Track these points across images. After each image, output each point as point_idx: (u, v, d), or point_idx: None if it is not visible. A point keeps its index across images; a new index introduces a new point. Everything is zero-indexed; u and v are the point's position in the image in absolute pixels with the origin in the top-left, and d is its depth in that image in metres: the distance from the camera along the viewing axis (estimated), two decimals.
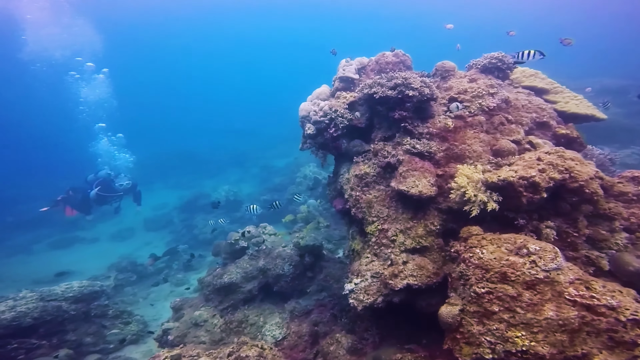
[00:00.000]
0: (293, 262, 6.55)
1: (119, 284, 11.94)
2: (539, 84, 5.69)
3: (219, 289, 6.66)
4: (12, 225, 20.69)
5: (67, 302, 8.60)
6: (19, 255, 17.58)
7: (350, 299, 4.39)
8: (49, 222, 19.92)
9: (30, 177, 28.71)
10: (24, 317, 7.96)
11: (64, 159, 29.22)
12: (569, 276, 3.10)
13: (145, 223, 19.36)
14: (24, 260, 16.71)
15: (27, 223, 20.58)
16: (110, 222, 19.44)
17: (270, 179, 20.58)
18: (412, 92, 4.50)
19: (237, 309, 6.47)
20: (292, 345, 5.34)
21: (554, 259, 3.14)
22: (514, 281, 3.17)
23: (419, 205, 4.42)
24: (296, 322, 5.83)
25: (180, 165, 28.86)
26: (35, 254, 17.82)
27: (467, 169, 4.02)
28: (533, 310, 3.02)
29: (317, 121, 5.24)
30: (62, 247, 18.23)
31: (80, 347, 7.99)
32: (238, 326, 6.08)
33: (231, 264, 6.98)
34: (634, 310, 2.87)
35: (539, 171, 3.70)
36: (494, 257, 3.37)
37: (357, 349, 4.75)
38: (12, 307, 8.17)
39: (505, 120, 4.69)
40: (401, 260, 4.22)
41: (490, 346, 3.11)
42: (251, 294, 6.59)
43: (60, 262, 15.68)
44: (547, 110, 5.19)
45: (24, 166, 34.17)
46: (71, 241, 18.68)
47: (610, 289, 3.05)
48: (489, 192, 3.86)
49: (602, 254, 3.71)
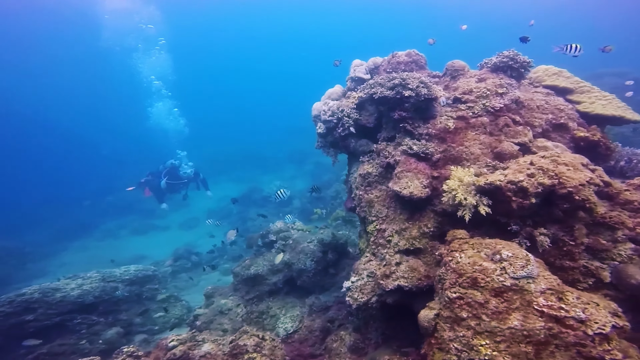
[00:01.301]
0: (315, 257, 6.77)
1: (175, 269, 13.01)
2: (561, 83, 5.32)
3: (246, 279, 7.10)
4: (106, 212, 23.52)
5: (123, 283, 9.66)
6: (108, 239, 20.22)
7: (347, 296, 4.55)
8: (133, 209, 22.48)
9: (120, 168, 31.73)
10: (87, 295, 9.06)
11: (146, 152, 31.88)
12: (540, 285, 3.02)
13: (209, 214, 20.73)
14: (111, 244, 19.12)
15: (118, 210, 23.44)
16: (180, 212, 21.31)
17: (320, 176, 20.99)
18: (409, 92, 4.49)
19: (262, 300, 6.86)
20: (302, 339, 5.59)
21: (524, 266, 3.07)
22: (483, 287, 3.15)
23: (416, 207, 4.42)
24: (310, 317, 6.04)
25: (243, 160, 30.48)
26: (120, 238, 20.29)
27: (460, 171, 3.98)
28: (498, 319, 2.99)
29: (326, 120, 5.38)
30: (140, 233, 20.49)
31: (130, 327, 8.91)
32: (258, 317, 6.47)
33: (259, 256, 7.41)
34: (602, 324, 2.75)
35: (528, 176, 3.58)
36: (469, 262, 3.35)
37: (359, 348, 4.87)
38: (79, 285, 9.36)
39: (511, 122, 4.51)
40: (394, 261, 4.27)
41: (457, 353, 3.11)
42: (276, 287, 6.95)
43: (137, 246, 17.75)
44: (565, 111, 4.89)
45: (115, 158, 38.08)
46: (148, 228, 20.90)
47: (584, 301, 2.93)
48: (478, 196, 3.81)
49: (604, 265, 3.50)
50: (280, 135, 37.15)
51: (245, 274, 7.10)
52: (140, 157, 31.99)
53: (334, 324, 5.63)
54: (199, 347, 4.65)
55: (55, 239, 20.12)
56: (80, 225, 21.77)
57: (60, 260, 17.30)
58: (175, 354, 4.49)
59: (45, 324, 8.60)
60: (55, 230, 21.23)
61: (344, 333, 5.09)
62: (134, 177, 14.00)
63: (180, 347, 4.55)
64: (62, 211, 24.33)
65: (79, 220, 22.39)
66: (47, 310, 8.70)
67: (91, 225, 21.96)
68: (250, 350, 4.47)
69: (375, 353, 4.47)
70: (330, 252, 6.91)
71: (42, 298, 8.78)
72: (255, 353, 4.45)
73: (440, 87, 5.21)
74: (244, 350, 4.47)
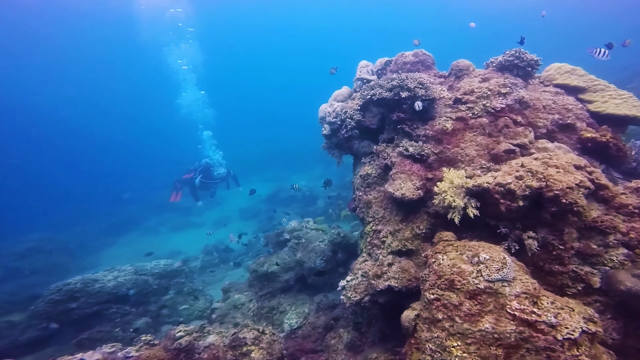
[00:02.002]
0: (325, 257, 6.90)
1: (204, 265, 13.57)
2: (572, 81, 5.11)
3: (260, 276, 7.35)
4: (149, 208, 25.04)
5: (153, 277, 10.26)
6: (149, 235, 21.66)
7: (342, 295, 4.66)
8: (173, 207, 23.72)
9: (160, 168, 33.36)
10: (121, 286, 9.72)
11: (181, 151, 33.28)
12: (515, 289, 3.00)
13: (240, 212, 21.49)
14: (152, 240, 20.35)
15: (159, 207, 24.80)
16: (214, 210, 22.22)
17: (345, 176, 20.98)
18: (406, 94, 4.52)
19: (275, 296, 7.07)
20: (305, 334, 5.73)
21: (500, 269, 3.06)
22: (459, 289, 3.16)
23: (410, 208, 4.44)
24: (316, 315, 6.18)
25: (274, 160, 31.16)
26: (160, 234, 21.59)
27: (451, 173, 3.97)
28: (470, 321, 3.00)
29: (331, 122, 5.47)
30: (178, 229, 21.58)
31: (158, 318, 9.41)
32: (269, 312, 6.68)
33: (274, 254, 7.64)
34: (571, 330, 2.72)
35: (516, 178, 3.55)
36: (448, 264, 3.37)
37: (355, 346, 4.95)
38: (115, 277, 10.06)
39: (511, 123, 4.42)
40: (387, 261, 4.33)
41: (431, 354, 3.14)
42: (288, 284, 7.14)
43: (174, 242, 18.70)
44: (574, 111, 4.72)
45: (157, 158, 40.07)
46: (185, 225, 21.95)
47: (558, 306, 2.89)
48: (467, 198, 3.80)
49: (595, 270, 3.41)
50: (309, 135, 37.60)
51: (259, 270, 7.35)
52: (176, 153, 33.42)
53: (338, 322, 5.72)
54: (204, 338, 4.91)
55: (106, 233, 21.84)
56: (127, 221, 23.54)
57: (109, 253, 18.76)
58: (181, 343, 4.77)
59: (86, 312, 9.34)
60: (106, 225, 23.02)
61: (342, 331, 5.19)
62: (170, 176, 14.76)
63: (187, 338, 4.83)
64: (112, 208, 26.21)
65: (126, 217, 24.22)
66: (88, 300, 9.44)
67: (135, 222, 23.65)
68: (248, 343, 4.69)
69: (369, 351, 4.55)
70: (341, 251, 7.01)
71: (83, 288, 9.55)
72: (254, 346, 4.66)
73: (444, 87, 5.18)
74: (242, 342, 4.70)
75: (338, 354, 4.90)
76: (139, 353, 4.69)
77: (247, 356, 4.57)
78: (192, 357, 4.76)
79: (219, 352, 4.69)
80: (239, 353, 4.62)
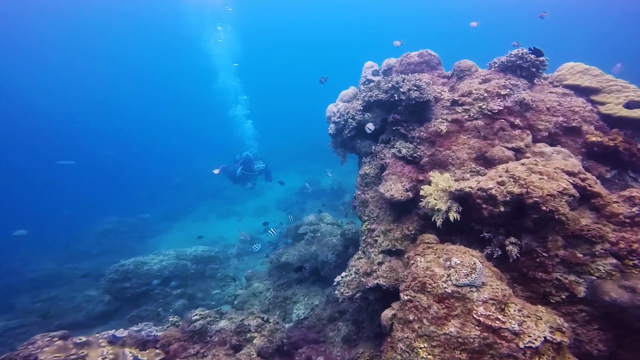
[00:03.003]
0: (336, 251, 7.05)
1: (239, 252, 14.24)
2: (584, 82, 4.80)
3: (278, 266, 7.67)
4: (199, 197, 26.73)
5: (191, 262, 11.01)
6: (199, 221, 23.00)
7: (335, 290, 4.83)
8: (220, 195, 25.16)
9: (211, 155, 34.97)
10: (164, 269, 10.56)
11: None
12: (483, 295, 3.03)
13: (277, 203, 22.22)
14: (201, 226, 21.67)
15: (209, 195, 26.53)
16: (255, 200, 23.08)
17: None
18: (399, 96, 4.54)
19: (291, 286, 7.36)
20: (310, 325, 5.95)
21: (468, 274, 3.09)
22: (429, 292, 3.24)
23: (403, 209, 4.49)
24: (324, 307, 6.38)
25: (308, 153, 31.40)
26: (208, 221, 22.85)
27: (437, 176, 3.98)
28: (436, 324, 3.08)
29: (335, 122, 5.59)
30: (223, 217, 22.80)
31: (193, 300, 10.05)
32: (282, 301, 6.98)
33: (292, 246, 7.93)
34: (533, 338, 2.74)
35: (498, 184, 3.52)
36: (423, 267, 3.44)
37: (351, 340, 5.11)
38: (160, 261, 10.93)
39: (507, 125, 4.30)
40: (377, 260, 4.43)
41: (401, 353, 3.26)
42: (303, 275, 7.41)
43: (219, 229, 19.81)
44: (580, 114, 4.49)
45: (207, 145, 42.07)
46: (229, 213, 23.10)
47: (524, 314, 2.91)
48: (450, 202, 3.81)
49: (581, 280, 3.33)
50: None
51: (277, 261, 7.68)
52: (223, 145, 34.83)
53: (343, 316, 5.89)
54: (216, 323, 5.32)
55: (164, 218, 23.76)
56: (181, 208, 25.35)
57: (167, 237, 20.46)
58: (195, 326, 5.21)
59: (137, 291, 10.30)
60: (164, 212, 24.98)
61: (342, 324, 5.37)
62: (215, 163, 15.65)
63: (201, 321, 5.26)
64: (166, 194, 28.20)
65: (180, 204, 26.04)
66: (138, 280, 10.39)
67: (188, 209, 25.32)
68: (252, 329, 5.03)
69: (360, 346, 4.70)
70: (352, 246, 7.12)
71: (134, 269, 10.53)
72: (256, 333, 4.99)
73: (446, 88, 5.12)
74: (247, 329, 5.04)
75: (335, 346, 5.09)
76: (160, 333, 5.18)
77: (250, 342, 4.92)
78: (205, 339, 5.18)
79: (227, 336, 5.07)
80: (242, 338, 4.97)
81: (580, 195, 3.61)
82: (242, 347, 4.86)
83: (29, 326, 10.32)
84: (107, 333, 5.01)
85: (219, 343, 4.97)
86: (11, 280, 14.69)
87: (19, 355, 4.57)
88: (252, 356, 4.54)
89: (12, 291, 13.71)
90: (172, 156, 42.76)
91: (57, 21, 35.28)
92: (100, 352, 4.46)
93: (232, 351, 4.80)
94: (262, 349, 4.75)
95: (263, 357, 4.65)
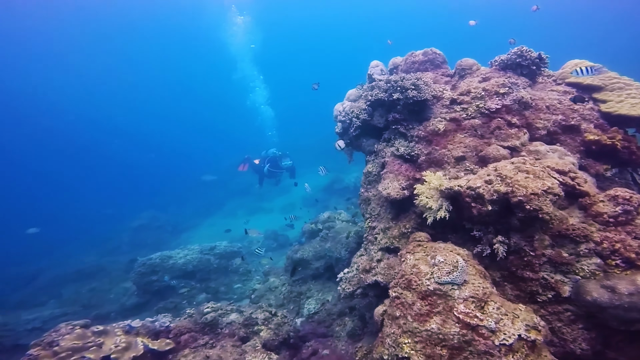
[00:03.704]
0: (349, 248, 7.18)
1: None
2: (585, 80, 4.69)
3: (294, 262, 7.91)
4: (229, 193, 27.67)
5: (215, 257, 11.48)
6: (229, 217, 23.88)
7: (339, 286, 5.01)
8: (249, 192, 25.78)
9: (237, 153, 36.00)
10: (188, 264, 11.08)
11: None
12: (464, 292, 3.13)
13: (303, 200, 22.57)
14: (230, 222, 22.28)
15: (237, 192, 27.27)
16: (282, 197, 23.55)
17: None
18: (397, 95, 4.61)
19: (306, 282, 7.57)
20: (320, 320, 6.12)
21: (450, 272, 3.20)
22: (414, 289, 3.36)
23: (401, 207, 4.57)
24: (334, 302, 6.54)
25: (333, 151, 31.56)
26: (237, 217, 23.56)
27: (430, 175, 4.07)
28: (419, 320, 3.20)
29: (341, 120, 5.70)
30: (252, 213, 23.47)
31: (216, 294, 10.47)
32: (297, 296, 7.20)
33: (307, 243, 8.14)
34: (508, 336, 2.84)
35: (485, 182, 3.57)
36: (411, 264, 3.56)
37: (356, 334, 5.27)
38: (184, 255, 11.46)
39: (504, 124, 4.31)
40: (376, 257, 4.57)
41: (388, 348, 3.38)
42: (318, 272, 7.57)
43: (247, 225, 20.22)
44: (580, 112, 4.43)
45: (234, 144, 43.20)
46: (257, 210, 23.84)
47: (502, 312, 3.00)
48: (441, 200, 3.90)
49: (566, 279, 3.36)
50: None
51: (293, 257, 7.91)
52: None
53: (353, 311, 6.05)
54: (227, 316, 5.63)
55: (196, 214, 24.82)
56: (211, 204, 26.38)
57: (197, 233, 21.39)
58: (207, 318, 5.54)
59: (163, 284, 10.88)
60: (196, 207, 26.19)
61: (348, 319, 5.53)
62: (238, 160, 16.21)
63: (212, 314, 5.59)
64: (201, 192, 29.32)
65: (211, 200, 27.11)
66: (164, 274, 10.98)
67: (218, 205, 26.29)
68: (259, 322, 5.31)
69: (364, 340, 4.87)
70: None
71: (161, 263, 11.12)
72: (263, 326, 5.26)
73: (448, 87, 5.16)
74: (254, 322, 5.33)
75: (340, 340, 5.27)
76: (173, 324, 5.55)
77: (257, 334, 5.20)
78: (216, 331, 5.50)
79: (236, 328, 5.38)
80: (250, 331, 5.26)
81: (570, 193, 3.64)
82: (250, 339, 5.15)
83: (71, 315, 11.23)
84: (123, 323, 5.42)
85: (229, 335, 5.28)
86: (60, 271, 16.09)
87: (44, 342, 5.05)
88: (257, 347, 4.81)
89: (61, 281, 15.02)
90: (200, 155, 44.27)
91: (81, 21, 36.54)
92: (115, 340, 4.85)
93: (240, 342, 5.09)
94: (267, 341, 5.00)
95: (268, 349, 4.91)
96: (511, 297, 3.58)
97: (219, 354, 4.60)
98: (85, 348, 4.94)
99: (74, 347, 4.95)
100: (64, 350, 4.91)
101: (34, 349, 5.06)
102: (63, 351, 4.90)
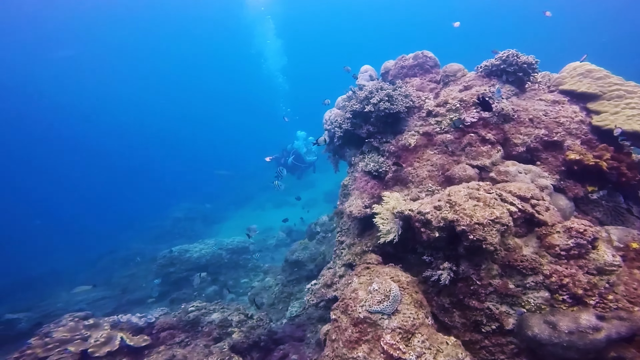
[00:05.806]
0: None
1: (277, 243, 14.81)
2: (580, 87, 4.26)
3: (290, 263, 7.94)
4: (260, 187, 28.36)
5: (227, 252, 11.81)
6: (257, 210, 24.78)
7: (305, 296, 5.00)
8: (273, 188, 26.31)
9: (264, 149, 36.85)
10: (202, 258, 11.51)
11: None
12: (393, 322, 3.06)
13: (325, 196, 22.73)
14: (259, 214, 23.53)
15: (267, 186, 27.64)
16: (306, 192, 23.70)
17: None
18: (369, 107, 4.43)
19: (300, 282, 7.59)
20: (300, 323, 6.13)
21: (381, 302, 3.12)
22: (349, 314, 3.31)
23: (367, 224, 4.46)
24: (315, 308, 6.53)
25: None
26: (265, 210, 24.40)
27: (389, 195, 3.95)
28: (348, 347, 3.15)
29: (327, 129, 5.56)
30: (277, 207, 23.98)
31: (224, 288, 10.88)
32: (287, 297, 7.25)
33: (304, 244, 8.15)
34: None
35: (435, 208, 3.43)
36: (352, 288, 3.50)
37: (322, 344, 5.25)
38: (200, 249, 11.91)
39: (476, 140, 4.06)
40: (339, 273, 4.52)
41: None
42: (312, 273, 7.57)
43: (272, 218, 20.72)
44: (566, 126, 4.08)
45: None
46: (282, 204, 24.24)
47: (426, 346, 2.91)
48: (394, 222, 3.78)
49: (512, 311, 3.18)
50: None
51: (289, 258, 7.96)
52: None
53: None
54: (209, 315, 5.80)
55: (228, 207, 25.98)
56: (243, 197, 27.37)
57: (228, 224, 22.46)
58: (190, 316, 5.74)
59: (179, 276, 11.42)
60: (228, 200, 27.32)
61: (320, 326, 5.50)
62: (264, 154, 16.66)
63: (195, 312, 5.78)
64: (234, 185, 30.62)
65: (243, 193, 28.14)
66: (180, 266, 11.50)
67: (249, 198, 27.16)
68: (233, 325, 5.42)
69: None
70: None
71: (179, 256, 11.65)
72: (236, 328, 5.37)
73: (432, 95, 4.94)
74: (229, 324, 5.45)
75: (309, 347, 5.26)
76: (156, 320, 5.79)
77: (229, 335, 5.32)
78: (196, 329, 5.69)
79: (213, 328, 5.53)
80: (224, 332, 5.39)
81: (530, 221, 3.42)
82: (222, 340, 5.28)
83: (109, 298, 12.37)
84: (114, 317, 5.72)
85: (206, 334, 5.44)
86: (110, 257, 17.79)
87: (42, 332, 5.44)
88: (223, 350, 4.92)
89: (111, 267, 16.47)
90: (231, 151, 45.94)
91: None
92: (99, 335, 5.14)
93: (213, 342, 5.24)
94: (237, 343, 5.09)
95: (236, 351, 5.00)
96: (458, 325, 3.43)
97: (184, 354, 4.75)
98: (71, 340, 5.28)
99: (62, 339, 5.29)
100: (53, 341, 5.27)
101: (33, 338, 5.47)
102: (52, 342, 5.25)
